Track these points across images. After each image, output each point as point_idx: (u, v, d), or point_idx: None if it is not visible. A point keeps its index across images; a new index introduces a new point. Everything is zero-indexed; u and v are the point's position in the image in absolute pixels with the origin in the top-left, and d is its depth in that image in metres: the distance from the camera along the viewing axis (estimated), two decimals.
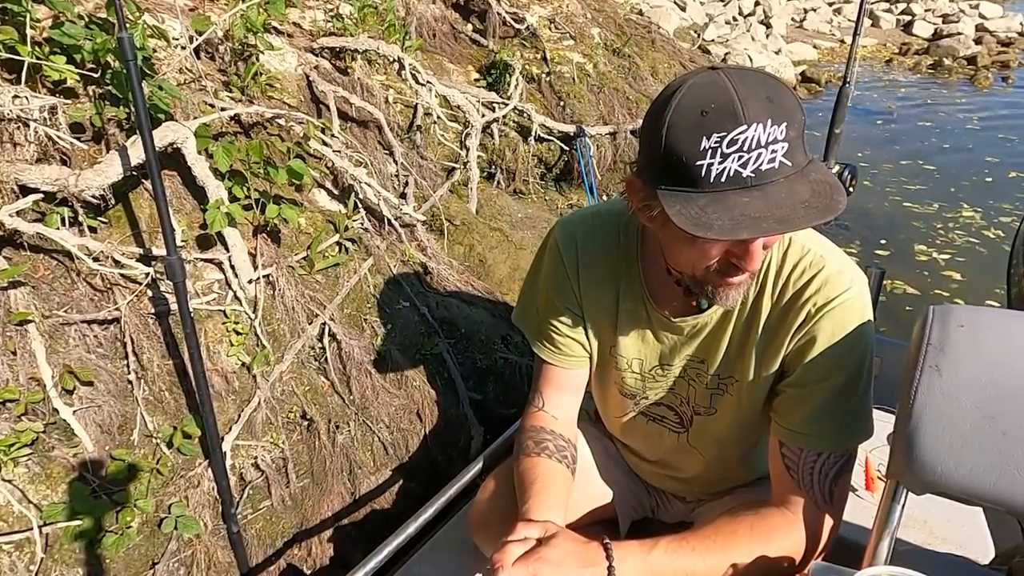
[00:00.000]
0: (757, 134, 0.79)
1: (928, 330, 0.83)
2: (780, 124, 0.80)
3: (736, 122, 0.79)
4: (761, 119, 0.79)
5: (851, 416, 1.00)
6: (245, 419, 1.72)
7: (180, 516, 1.56)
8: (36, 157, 1.56)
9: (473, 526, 1.31)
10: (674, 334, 1.11)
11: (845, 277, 0.98)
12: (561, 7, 3.91)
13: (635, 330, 1.14)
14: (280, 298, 1.87)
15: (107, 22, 1.71)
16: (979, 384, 0.80)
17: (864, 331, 0.98)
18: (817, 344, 0.98)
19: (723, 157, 0.79)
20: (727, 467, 1.27)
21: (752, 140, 0.79)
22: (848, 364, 0.98)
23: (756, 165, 0.79)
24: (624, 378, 1.19)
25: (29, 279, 1.53)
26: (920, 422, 0.82)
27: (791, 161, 0.81)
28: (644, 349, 1.15)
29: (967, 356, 0.81)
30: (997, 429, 0.79)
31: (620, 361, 1.18)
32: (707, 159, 0.80)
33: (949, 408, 0.81)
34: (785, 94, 0.83)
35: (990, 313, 0.85)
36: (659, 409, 1.22)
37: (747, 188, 0.80)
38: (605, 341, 1.19)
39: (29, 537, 1.37)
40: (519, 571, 0.85)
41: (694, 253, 0.91)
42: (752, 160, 0.79)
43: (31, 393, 1.44)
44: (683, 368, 1.14)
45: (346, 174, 2.12)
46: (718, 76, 0.83)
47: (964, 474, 0.81)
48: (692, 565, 0.93)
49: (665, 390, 1.18)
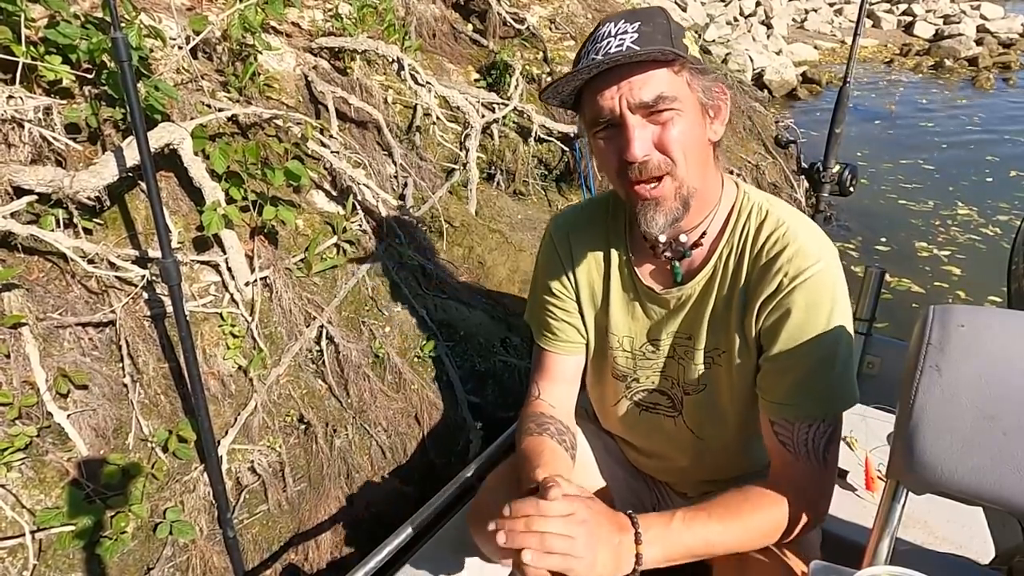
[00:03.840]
0: (608, 29, 0.98)
1: (928, 330, 0.83)
2: (633, 23, 0.97)
3: (597, 28, 1.01)
4: (615, 21, 0.99)
5: (834, 385, 1.03)
6: (241, 423, 1.71)
7: (175, 521, 1.55)
8: (31, 158, 1.55)
9: (472, 523, 1.30)
10: (661, 307, 1.16)
11: (815, 249, 1.02)
12: (561, 7, 3.90)
13: (625, 306, 1.20)
14: (277, 300, 1.85)
15: (103, 22, 1.70)
16: (979, 384, 0.79)
17: (837, 303, 1.02)
18: (792, 317, 1.02)
19: (586, 54, 0.99)
20: (728, 455, 1.26)
21: (604, 33, 0.98)
22: (825, 337, 1.01)
23: (606, 50, 0.96)
24: (616, 358, 1.23)
25: (23, 281, 1.52)
26: (920, 422, 0.81)
27: (640, 47, 0.94)
28: (634, 326, 1.20)
29: (967, 356, 0.80)
30: (997, 429, 0.78)
31: (612, 340, 1.22)
32: (578, 62, 1.00)
33: (949, 408, 0.80)
34: (651, 9, 1.02)
35: (990, 313, 0.84)
36: (652, 396, 1.24)
37: (600, 67, 0.96)
38: (600, 323, 1.24)
39: (22, 543, 1.35)
40: (562, 504, 0.88)
41: (601, 158, 1.04)
42: (603, 48, 0.96)
43: (25, 397, 1.43)
44: (671, 346, 1.18)
45: (344, 175, 2.11)
46: None
47: (964, 474, 0.80)
48: (708, 531, 0.97)
49: (656, 372, 1.21)
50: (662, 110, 0.96)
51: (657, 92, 0.95)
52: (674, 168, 0.99)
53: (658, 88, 0.96)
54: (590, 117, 1.02)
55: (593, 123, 1.02)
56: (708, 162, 1.06)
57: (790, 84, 9.33)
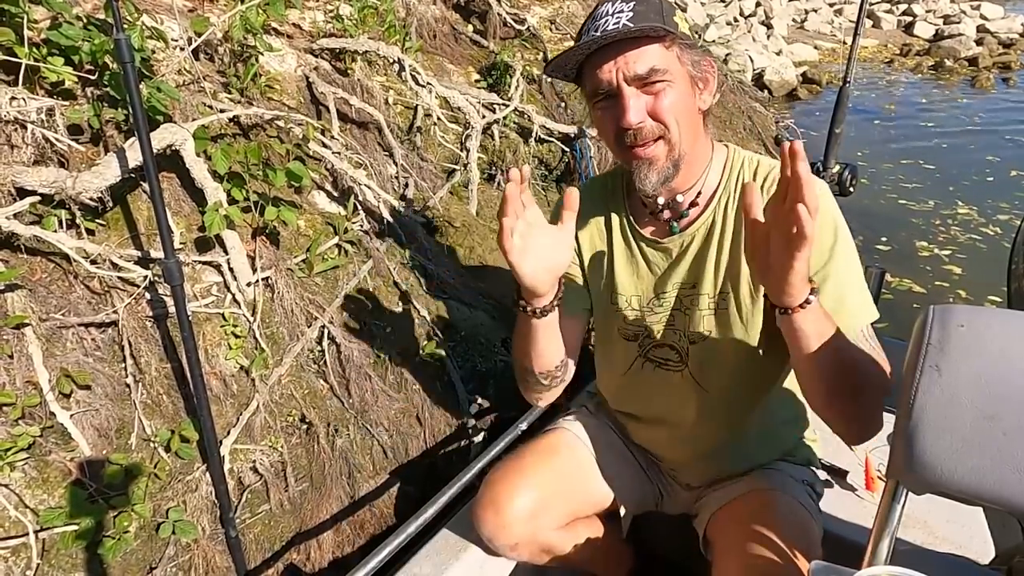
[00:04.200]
0: (606, 8, 1.08)
1: (928, 330, 0.83)
2: (629, 2, 1.07)
3: (597, 8, 1.10)
4: (613, 1, 1.08)
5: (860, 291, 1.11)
6: (243, 423, 1.71)
7: (178, 520, 1.55)
8: (33, 159, 1.56)
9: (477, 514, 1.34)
10: (663, 257, 1.24)
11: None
12: (562, 8, 3.90)
13: (629, 265, 1.27)
14: (279, 301, 1.86)
15: (105, 23, 1.70)
16: (979, 384, 0.79)
17: (838, 222, 1.12)
18: None
19: (586, 32, 1.09)
20: (732, 413, 1.28)
21: (602, 12, 1.08)
22: (838, 247, 1.10)
23: (604, 28, 1.05)
24: (626, 317, 1.29)
25: (26, 282, 1.52)
26: (920, 422, 0.81)
27: (634, 24, 1.04)
28: (639, 284, 1.27)
29: (967, 356, 0.81)
30: (997, 429, 0.78)
31: (620, 300, 1.29)
32: (579, 39, 1.09)
33: (949, 408, 0.81)
34: None
35: (990, 313, 0.85)
36: (661, 352, 1.28)
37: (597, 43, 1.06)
38: (606, 286, 1.31)
39: (25, 542, 1.36)
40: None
41: (600, 126, 1.14)
42: (601, 25, 1.06)
43: (28, 397, 1.44)
44: (677, 298, 1.24)
45: (346, 176, 2.12)
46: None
47: (964, 474, 0.80)
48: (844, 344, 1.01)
49: (663, 325, 1.26)
50: (654, 81, 1.06)
51: (650, 65, 1.05)
52: (667, 132, 1.09)
53: (650, 62, 1.06)
54: (590, 89, 1.12)
55: (593, 94, 1.12)
56: (698, 128, 1.15)
57: (790, 84, 9.33)
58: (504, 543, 1.32)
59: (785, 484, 1.29)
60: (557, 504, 1.34)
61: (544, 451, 1.42)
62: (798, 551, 1.11)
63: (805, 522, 1.21)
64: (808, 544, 1.15)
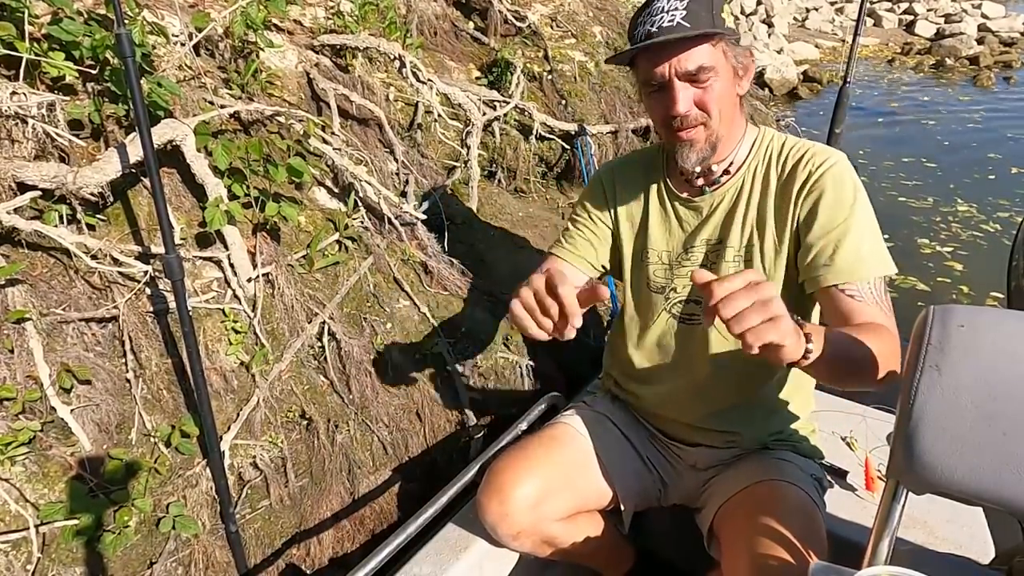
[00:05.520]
0: (661, 4, 1.18)
1: (928, 330, 0.83)
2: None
3: (652, 2, 1.20)
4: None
5: (879, 248, 1.20)
6: (244, 418, 1.72)
7: (178, 516, 1.55)
8: (34, 154, 1.56)
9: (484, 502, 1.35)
10: (694, 215, 1.36)
11: (830, 151, 1.27)
12: (563, 5, 3.89)
13: (662, 222, 1.40)
14: (279, 297, 1.86)
15: (106, 18, 1.70)
16: (979, 384, 0.80)
17: (859, 187, 1.23)
18: (825, 196, 1.21)
19: (642, 24, 1.20)
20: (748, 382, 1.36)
21: (658, 8, 1.18)
22: (857, 205, 1.20)
23: (659, 23, 1.17)
24: (655, 271, 1.41)
25: (27, 277, 1.52)
26: (920, 422, 0.81)
27: (689, 23, 1.15)
28: (670, 240, 1.39)
29: (967, 356, 0.81)
30: (997, 429, 0.78)
31: (651, 255, 1.41)
32: (636, 29, 1.21)
33: (949, 408, 0.81)
34: None
35: (990, 313, 0.85)
36: (688, 307, 1.38)
37: (652, 39, 1.16)
38: (638, 243, 1.44)
39: (26, 536, 1.36)
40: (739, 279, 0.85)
41: (651, 108, 1.27)
42: (656, 21, 1.17)
43: (28, 391, 1.44)
44: (705, 253, 1.35)
45: (346, 172, 2.11)
46: None
47: (964, 474, 0.81)
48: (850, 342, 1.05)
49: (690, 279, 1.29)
50: (703, 78, 1.19)
51: (699, 63, 1.18)
52: (708, 119, 1.23)
53: (700, 60, 1.18)
54: (644, 78, 1.24)
55: (646, 83, 1.24)
56: (735, 112, 1.29)
57: (791, 83, 9.32)
58: (507, 532, 1.33)
59: (795, 476, 1.30)
60: (560, 494, 1.36)
61: (547, 442, 1.43)
62: (806, 546, 1.11)
63: (814, 517, 1.21)
64: (817, 540, 1.15)
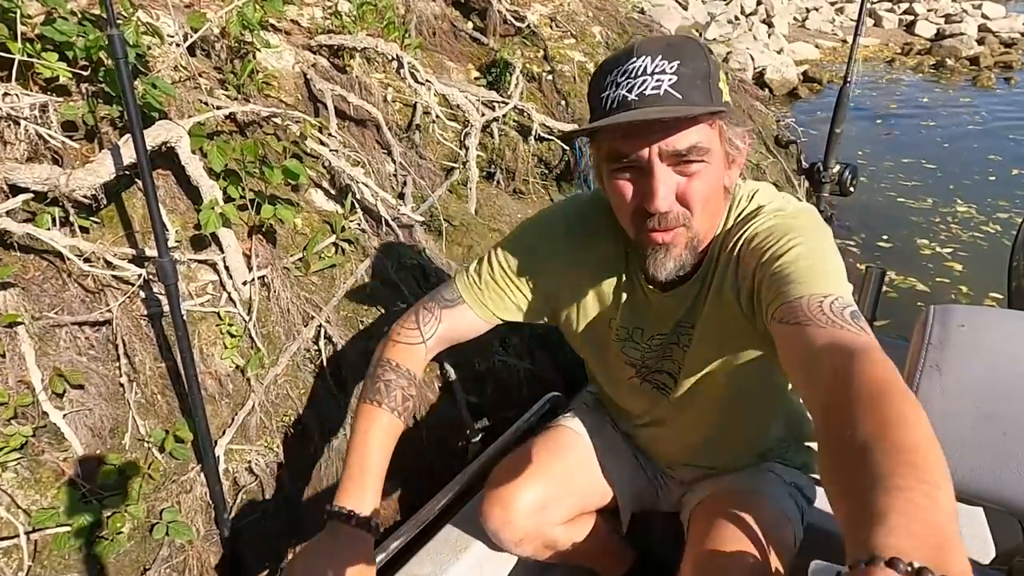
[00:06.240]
0: (644, 64, 0.91)
1: (928, 330, 0.83)
2: (672, 60, 0.91)
3: (628, 56, 0.93)
4: (651, 54, 0.91)
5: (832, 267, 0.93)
6: (239, 423, 1.70)
7: (172, 522, 1.54)
8: (27, 156, 1.54)
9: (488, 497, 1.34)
10: (664, 297, 1.17)
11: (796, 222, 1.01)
12: (562, 5, 3.88)
13: (633, 306, 1.21)
14: (275, 300, 1.84)
15: (100, 19, 1.68)
16: (979, 384, 0.79)
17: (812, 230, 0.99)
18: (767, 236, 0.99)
19: (616, 86, 0.93)
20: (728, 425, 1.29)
21: (638, 68, 0.91)
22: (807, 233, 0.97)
23: (640, 90, 0.91)
24: (620, 346, 1.26)
25: (19, 280, 1.50)
26: None
27: (680, 94, 0.90)
28: (634, 317, 1.22)
29: (967, 356, 0.80)
30: (997, 429, 0.78)
31: (620, 332, 1.25)
32: (605, 91, 0.94)
33: (949, 408, 0.80)
34: (689, 45, 0.94)
35: (990, 313, 0.84)
36: (660, 377, 1.26)
37: (631, 109, 0.91)
38: (606, 315, 1.25)
39: (16, 544, 1.34)
40: None
41: (615, 196, 1.00)
42: (637, 85, 0.91)
43: (20, 396, 1.42)
44: (674, 332, 1.19)
45: (343, 174, 2.10)
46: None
47: (964, 474, 0.80)
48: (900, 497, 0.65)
49: (659, 355, 1.23)
50: (692, 161, 0.94)
51: (692, 143, 0.92)
52: (690, 220, 0.99)
53: (693, 139, 0.92)
54: (610, 151, 0.97)
55: (613, 158, 0.97)
56: (721, 209, 1.06)
57: (791, 83, 9.32)
58: (509, 538, 1.33)
59: (768, 485, 1.30)
60: (562, 499, 1.36)
61: (548, 447, 1.42)
62: (766, 552, 1.11)
63: (779, 524, 1.20)
64: (779, 547, 1.15)
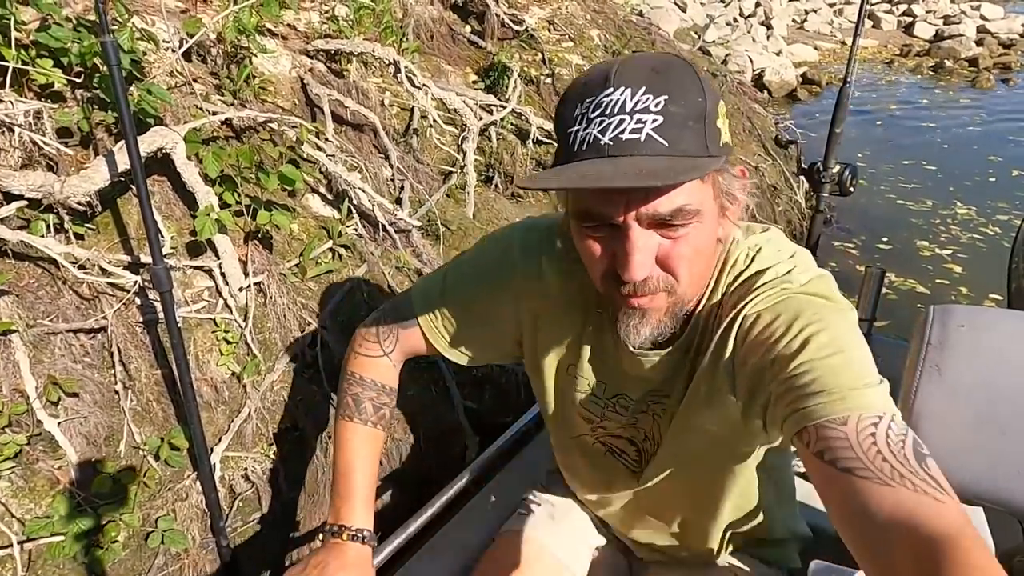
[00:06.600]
0: (623, 99, 0.70)
1: (928, 330, 0.83)
2: (658, 96, 0.70)
3: (604, 85, 0.71)
4: (631, 84, 0.70)
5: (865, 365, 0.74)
6: (235, 429, 1.69)
7: (167, 530, 1.53)
8: (21, 163, 1.53)
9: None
10: (637, 367, 0.96)
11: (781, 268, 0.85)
12: (560, 8, 3.88)
13: (599, 356, 1.01)
14: (271, 306, 1.83)
15: (95, 24, 1.68)
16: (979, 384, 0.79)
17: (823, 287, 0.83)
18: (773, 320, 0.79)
19: (587, 123, 0.72)
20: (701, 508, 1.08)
21: (615, 104, 0.70)
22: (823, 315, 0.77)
23: (616, 132, 0.70)
24: (582, 400, 1.06)
25: (13, 287, 1.50)
26: (920, 422, 0.81)
27: (667, 140, 0.69)
28: (604, 374, 1.02)
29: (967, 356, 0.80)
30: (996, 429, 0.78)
31: (580, 382, 1.04)
32: (574, 126, 0.73)
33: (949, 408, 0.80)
34: (681, 73, 0.73)
35: (990, 313, 0.84)
36: (619, 443, 1.06)
37: (604, 157, 0.70)
38: (565, 360, 1.05)
39: (10, 553, 1.34)
40: None
41: (584, 252, 0.81)
42: (612, 126, 0.70)
43: (15, 404, 1.41)
44: (645, 400, 0.99)
45: (340, 179, 2.09)
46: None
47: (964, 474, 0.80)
48: None
49: (626, 422, 1.03)
50: (678, 225, 0.75)
51: (677, 205, 0.73)
52: (674, 286, 0.80)
53: (679, 201, 0.73)
54: (578, 207, 0.78)
55: (582, 215, 0.78)
56: (710, 267, 0.87)
57: (790, 85, 9.31)
58: None
59: None
60: None
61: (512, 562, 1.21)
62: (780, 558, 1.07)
63: None
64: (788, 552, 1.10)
